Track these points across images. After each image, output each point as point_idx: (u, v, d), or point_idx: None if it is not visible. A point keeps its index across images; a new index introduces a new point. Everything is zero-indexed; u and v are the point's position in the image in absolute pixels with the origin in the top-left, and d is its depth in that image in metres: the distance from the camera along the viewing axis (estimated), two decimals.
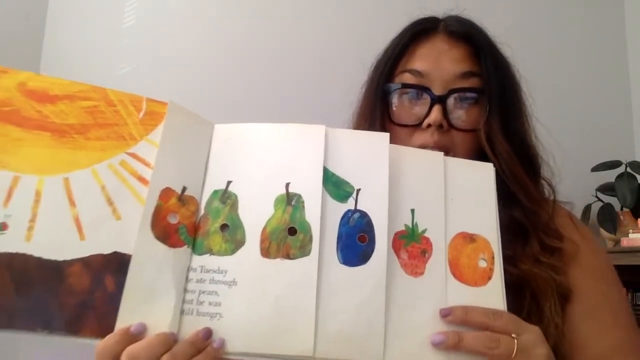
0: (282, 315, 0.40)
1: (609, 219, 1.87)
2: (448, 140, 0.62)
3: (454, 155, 0.58)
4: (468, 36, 0.66)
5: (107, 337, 0.38)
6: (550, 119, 2.15)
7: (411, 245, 0.44)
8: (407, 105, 0.63)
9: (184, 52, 1.82)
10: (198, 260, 0.42)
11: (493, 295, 0.43)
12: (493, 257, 0.45)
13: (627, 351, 0.56)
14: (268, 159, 0.45)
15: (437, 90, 0.62)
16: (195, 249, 0.42)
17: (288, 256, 0.42)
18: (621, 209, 1.90)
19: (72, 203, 0.40)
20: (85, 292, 0.38)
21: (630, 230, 1.82)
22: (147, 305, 0.39)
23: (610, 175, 1.91)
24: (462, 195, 0.46)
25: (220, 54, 1.84)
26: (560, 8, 2.14)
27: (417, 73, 0.63)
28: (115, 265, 0.39)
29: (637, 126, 2.14)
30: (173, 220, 0.42)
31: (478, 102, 0.63)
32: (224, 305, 0.40)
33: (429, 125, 0.61)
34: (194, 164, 0.45)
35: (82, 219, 0.40)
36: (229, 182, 0.45)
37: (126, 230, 0.40)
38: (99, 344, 0.38)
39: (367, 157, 0.45)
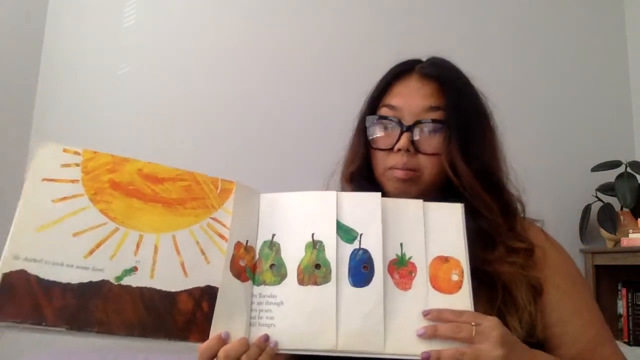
0: (314, 323, 0.59)
1: (609, 219, 1.87)
2: (415, 162, 0.74)
3: (421, 175, 0.74)
4: (437, 76, 0.77)
5: (207, 341, 0.55)
6: (551, 119, 2.16)
7: (401, 268, 0.62)
8: (383, 133, 0.77)
9: (184, 52, 1.82)
10: (257, 289, 0.61)
11: (463, 299, 0.61)
12: (463, 272, 0.62)
13: (606, 341, 0.70)
14: (299, 217, 0.64)
15: (407, 121, 0.75)
16: (255, 281, 0.61)
17: (316, 283, 0.61)
18: (621, 209, 1.91)
19: (178, 252, 0.58)
20: (190, 313, 0.56)
21: (630, 230, 1.82)
22: (229, 320, 0.57)
23: (610, 175, 1.91)
24: (438, 228, 0.64)
25: (220, 54, 1.84)
26: (560, 9, 2.15)
27: (392, 107, 0.77)
28: (208, 294, 0.58)
29: (637, 126, 2.14)
30: (242, 263, 0.61)
31: (439, 131, 0.74)
32: (276, 319, 0.59)
33: (399, 150, 0.74)
34: (251, 223, 0.64)
35: (186, 264, 0.58)
36: (273, 235, 0.64)
37: (214, 271, 0.59)
38: (201, 346, 0.55)
39: (366, 210, 0.64)
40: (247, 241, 0.63)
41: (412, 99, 0.75)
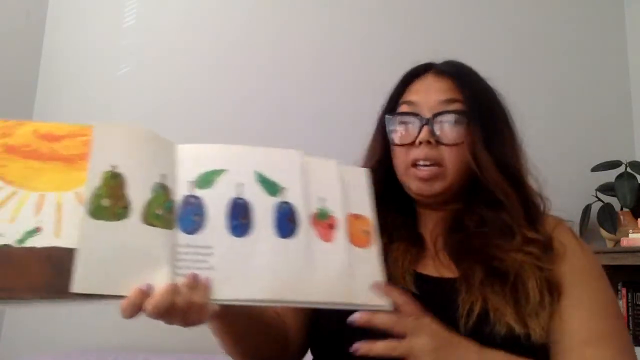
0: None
1: (609, 219, 1.87)
2: (437, 154, 0.75)
3: (444, 170, 0.75)
4: (452, 73, 0.80)
5: (128, 296, 0.50)
6: (551, 119, 2.16)
7: (323, 222, 0.62)
8: (403, 129, 0.79)
9: (184, 52, 1.82)
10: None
11: (375, 253, 0.63)
12: (372, 229, 0.64)
13: (610, 339, 0.66)
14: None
15: (426, 115, 0.77)
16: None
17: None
18: (621, 209, 1.91)
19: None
20: None
21: (630, 230, 1.82)
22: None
23: (610, 175, 1.91)
24: (350, 188, 0.66)
25: (220, 54, 1.84)
26: (560, 8, 2.15)
27: (410, 103, 0.79)
28: None
29: (637, 126, 2.14)
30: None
31: (460, 122, 0.76)
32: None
33: (421, 142, 0.75)
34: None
35: None
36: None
37: None
38: (122, 303, 0.49)
39: (288, 166, 0.64)
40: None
41: (430, 93, 0.78)
